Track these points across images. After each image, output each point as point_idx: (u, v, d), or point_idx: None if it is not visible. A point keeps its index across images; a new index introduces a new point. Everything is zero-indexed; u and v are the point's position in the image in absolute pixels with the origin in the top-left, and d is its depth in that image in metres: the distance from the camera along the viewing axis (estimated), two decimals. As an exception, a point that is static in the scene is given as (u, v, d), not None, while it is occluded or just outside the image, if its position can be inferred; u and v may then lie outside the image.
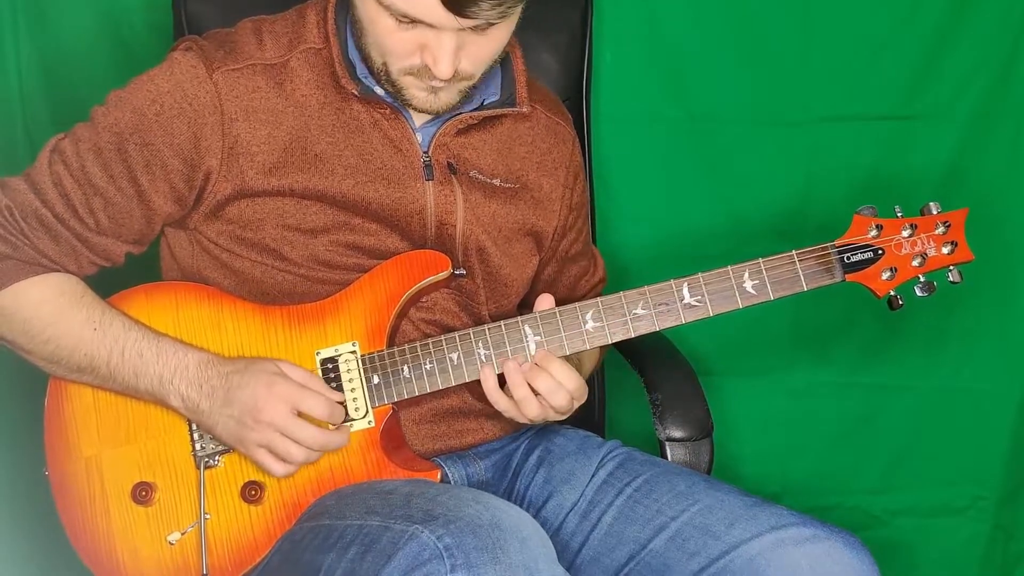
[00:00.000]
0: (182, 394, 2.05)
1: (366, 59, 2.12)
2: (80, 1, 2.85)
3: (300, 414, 2.03)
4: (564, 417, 2.13)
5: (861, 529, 3.11)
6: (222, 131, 2.10)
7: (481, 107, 2.22)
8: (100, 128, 2.11)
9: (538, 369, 2.06)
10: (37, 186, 2.10)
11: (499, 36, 2.05)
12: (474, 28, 1.99)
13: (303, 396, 2.03)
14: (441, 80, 2.03)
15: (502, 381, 2.10)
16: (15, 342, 2.12)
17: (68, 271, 2.12)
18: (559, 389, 2.06)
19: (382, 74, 2.09)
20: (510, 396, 2.09)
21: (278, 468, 2.04)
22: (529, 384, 2.06)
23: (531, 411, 2.07)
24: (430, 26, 1.98)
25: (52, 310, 2.08)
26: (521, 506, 2.11)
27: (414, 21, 1.98)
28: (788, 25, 2.95)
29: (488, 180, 2.24)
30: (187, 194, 2.13)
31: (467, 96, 2.16)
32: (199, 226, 2.17)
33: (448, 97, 2.10)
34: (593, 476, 2.21)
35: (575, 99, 2.75)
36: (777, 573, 1.97)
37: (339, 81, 2.14)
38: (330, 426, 2.05)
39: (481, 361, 2.08)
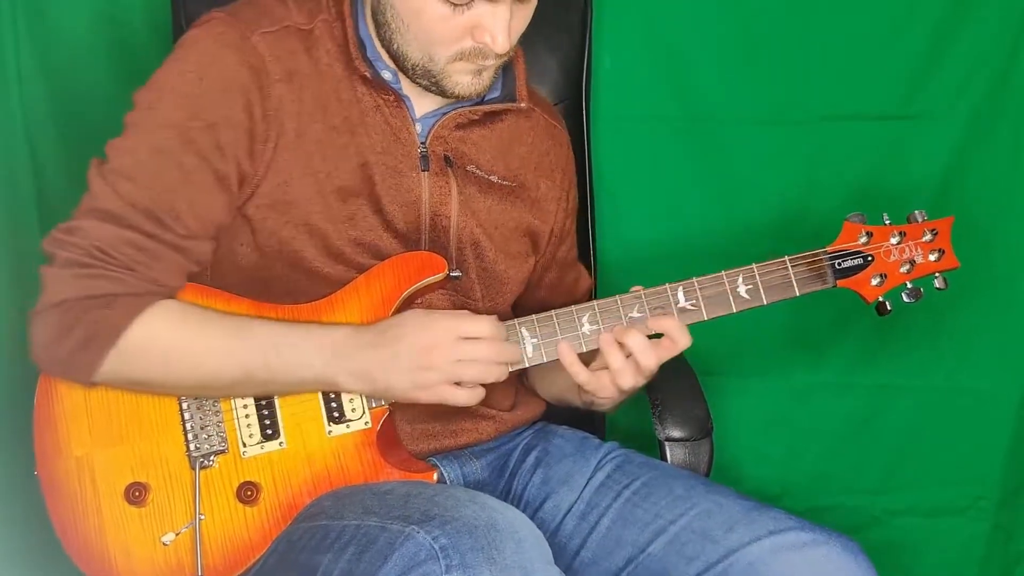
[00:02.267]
0: (349, 370, 2.03)
1: (396, 57, 2.12)
2: (80, 1, 2.84)
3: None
4: (645, 382, 2.14)
5: (861, 529, 3.12)
6: (266, 93, 2.07)
7: (481, 102, 2.23)
8: (152, 129, 2.05)
9: (630, 330, 2.08)
10: (112, 214, 2.01)
11: (532, 6, 2.08)
12: None
13: (461, 321, 2.04)
14: (499, 55, 2.05)
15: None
16: (153, 381, 2.05)
17: (173, 288, 2.05)
18: (647, 351, 2.07)
19: (419, 69, 2.09)
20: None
21: (464, 396, 2.04)
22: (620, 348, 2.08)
23: (626, 381, 2.08)
24: (489, 1, 2.00)
25: (188, 334, 2.03)
26: (518, 506, 2.11)
27: None
28: (788, 25, 2.94)
29: (486, 176, 2.25)
30: (250, 170, 2.09)
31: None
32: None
33: (488, 77, 2.12)
34: (591, 478, 2.21)
35: (574, 100, 2.75)
36: None
37: (352, 61, 2.14)
38: None
39: None
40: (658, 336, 2.10)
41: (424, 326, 2.02)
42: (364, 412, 2.09)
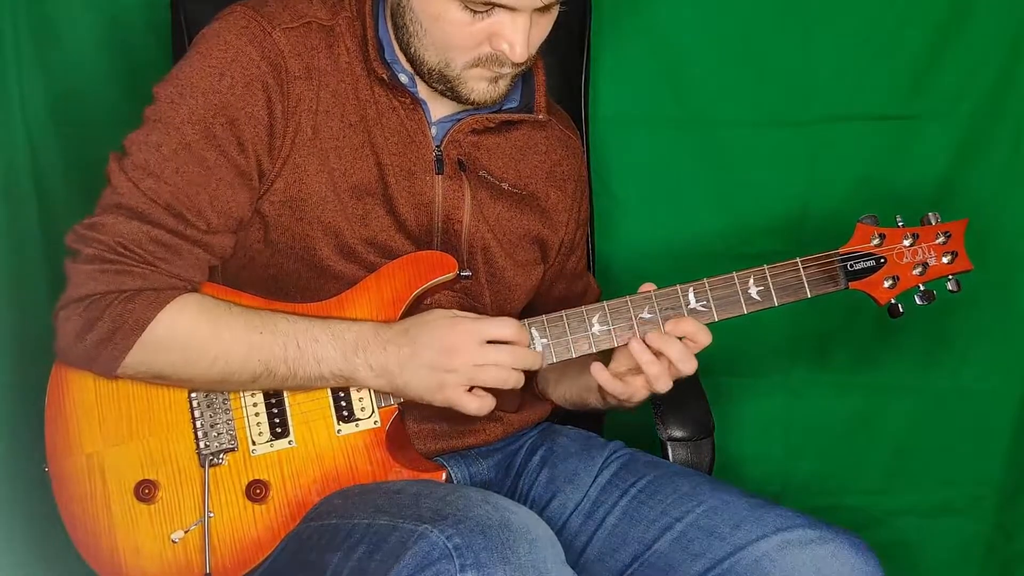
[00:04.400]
0: (369, 364, 2.04)
1: (413, 60, 2.12)
2: (80, 1, 2.84)
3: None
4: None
5: (861, 529, 3.07)
6: (286, 90, 2.08)
7: (499, 111, 2.23)
8: (176, 124, 2.04)
9: (667, 338, 2.08)
10: (136, 210, 2.01)
11: (552, 16, 2.08)
12: (542, 8, 2.01)
13: (486, 324, 2.04)
14: (516, 64, 2.05)
15: None
16: (175, 375, 2.05)
17: (195, 283, 2.06)
18: (686, 359, 2.08)
19: (435, 73, 2.10)
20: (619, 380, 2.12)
21: (475, 405, 2.04)
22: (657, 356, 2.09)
23: (664, 386, 2.09)
24: (509, 9, 1.99)
25: (209, 329, 2.02)
26: (524, 505, 2.10)
27: (493, 6, 1.99)
28: (788, 25, 2.95)
29: (497, 182, 2.25)
30: (268, 166, 2.09)
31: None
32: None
33: (505, 86, 2.12)
34: (597, 476, 2.22)
35: (574, 100, 2.75)
36: (782, 575, 1.98)
37: (370, 63, 2.14)
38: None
39: None
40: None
41: (448, 327, 2.03)
42: (374, 411, 2.09)
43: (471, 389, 2.05)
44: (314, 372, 2.04)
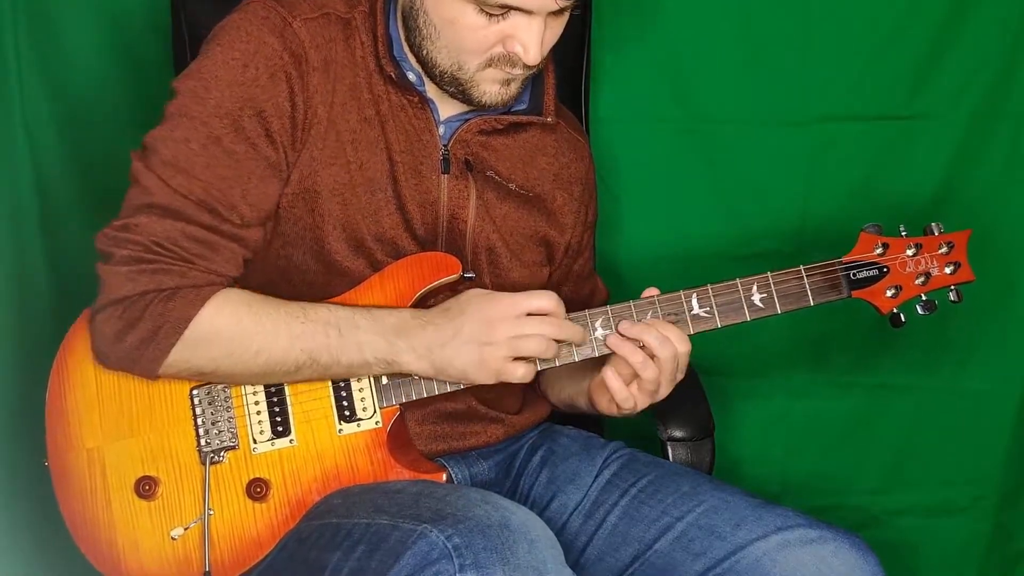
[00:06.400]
0: (412, 347, 2.04)
1: (424, 62, 2.12)
2: (80, 1, 2.84)
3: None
4: (670, 389, 2.13)
5: (861, 529, 3.09)
6: (305, 81, 2.07)
7: (508, 112, 2.23)
8: (203, 118, 2.02)
9: (643, 326, 2.08)
10: (169, 208, 2.00)
11: (564, 19, 2.08)
12: (556, 11, 2.02)
13: (524, 296, 2.04)
14: (530, 66, 2.05)
15: None
16: (218, 370, 2.05)
17: (231, 278, 2.06)
18: (665, 342, 2.07)
19: (447, 76, 2.09)
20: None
21: (522, 371, 2.04)
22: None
23: (649, 372, 2.07)
24: (525, 12, 2.00)
25: (251, 321, 2.02)
26: (524, 505, 2.10)
27: (510, 9, 1.99)
28: (788, 25, 2.94)
29: (504, 183, 2.25)
30: (292, 156, 2.09)
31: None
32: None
33: (516, 88, 2.12)
34: (597, 476, 2.22)
35: (574, 100, 2.75)
36: (783, 574, 1.98)
37: (380, 60, 2.14)
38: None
39: None
40: None
41: (487, 302, 2.03)
42: (375, 411, 2.09)
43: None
44: (357, 358, 2.04)
